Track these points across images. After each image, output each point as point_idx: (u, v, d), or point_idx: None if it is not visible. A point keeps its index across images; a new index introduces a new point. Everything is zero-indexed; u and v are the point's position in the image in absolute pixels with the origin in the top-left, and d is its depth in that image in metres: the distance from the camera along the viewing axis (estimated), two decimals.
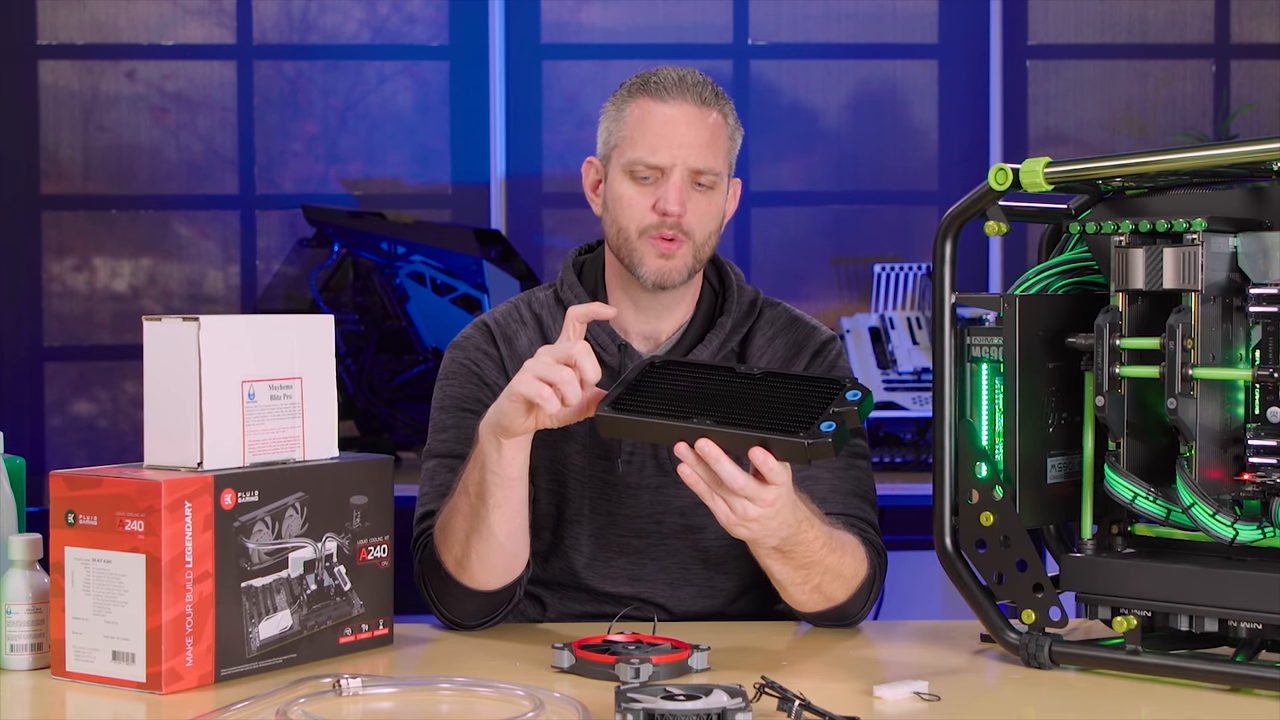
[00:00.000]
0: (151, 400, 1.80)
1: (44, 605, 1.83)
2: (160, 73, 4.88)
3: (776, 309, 2.20)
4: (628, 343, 2.13)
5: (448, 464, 2.10)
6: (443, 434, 2.13)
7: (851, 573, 1.98)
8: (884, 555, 2.09)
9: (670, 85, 2.06)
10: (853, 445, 2.12)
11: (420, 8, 4.88)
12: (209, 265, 4.89)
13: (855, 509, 2.09)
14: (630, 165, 2.06)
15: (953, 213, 1.87)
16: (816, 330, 2.20)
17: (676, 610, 2.13)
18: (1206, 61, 4.90)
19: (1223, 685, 1.71)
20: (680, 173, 2.04)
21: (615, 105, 2.11)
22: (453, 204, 4.86)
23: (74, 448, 4.84)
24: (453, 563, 1.97)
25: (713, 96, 2.08)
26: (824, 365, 2.16)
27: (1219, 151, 1.74)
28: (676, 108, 2.05)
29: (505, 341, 2.15)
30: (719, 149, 2.07)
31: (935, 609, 4.33)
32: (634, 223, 2.07)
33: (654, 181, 2.06)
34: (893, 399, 4.03)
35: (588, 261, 2.21)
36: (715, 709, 1.53)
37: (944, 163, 4.86)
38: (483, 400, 2.09)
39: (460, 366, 2.15)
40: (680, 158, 2.04)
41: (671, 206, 2.04)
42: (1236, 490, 1.76)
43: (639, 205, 2.06)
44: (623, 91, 2.10)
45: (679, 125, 2.05)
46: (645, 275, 2.08)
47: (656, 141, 2.05)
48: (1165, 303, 1.78)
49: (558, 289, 2.19)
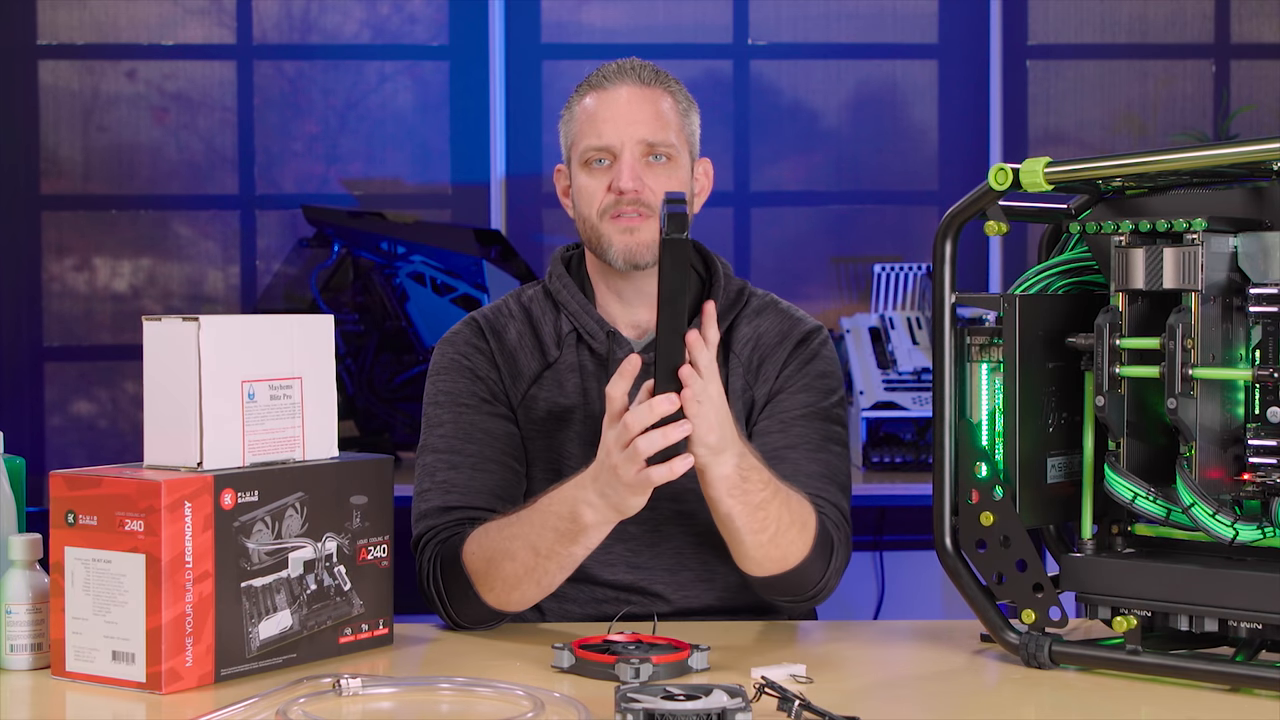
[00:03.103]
0: (151, 400, 1.80)
1: (44, 605, 1.83)
2: (160, 73, 4.87)
3: (764, 298, 2.22)
4: (616, 330, 2.15)
5: (447, 460, 2.10)
6: (439, 429, 2.13)
7: (802, 522, 1.95)
8: (844, 532, 2.06)
9: (611, 73, 2.13)
10: (828, 430, 2.12)
11: (420, 8, 4.88)
12: (209, 265, 4.88)
13: (818, 489, 2.06)
14: (584, 154, 2.12)
15: (953, 213, 1.87)
16: (803, 320, 2.20)
17: (676, 599, 2.13)
18: (1206, 61, 4.90)
19: (1223, 685, 1.71)
20: (631, 150, 2.09)
21: (568, 108, 2.18)
22: (453, 204, 4.86)
23: (74, 448, 4.84)
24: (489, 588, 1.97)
25: (654, 77, 2.14)
26: (808, 354, 2.16)
27: (1219, 151, 1.74)
28: (619, 89, 2.12)
29: (494, 335, 2.17)
30: (668, 123, 2.12)
31: (935, 609, 4.34)
32: (594, 207, 2.11)
33: (609, 165, 2.11)
34: (893, 399, 4.03)
35: (574, 257, 2.23)
36: (715, 709, 1.53)
37: (944, 163, 4.86)
38: (477, 394, 2.12)
39: (452, 361, 2.16)
40: (628, 134, 2.09)
41: (624, 182, 2.08)
42: (1236, 490, 1.76)
43: (596, 190, 2.11)
44: (574, 94, 2.17)
45: (623, 105, 2.11)
46: (615, 257, 2.11)
47: (603, 125, 2.10)
48: (1165, 303, 1.78)
49: (546, 282, 2.21)
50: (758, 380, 2.15)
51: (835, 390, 2.17)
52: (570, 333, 2.16)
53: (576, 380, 2.14)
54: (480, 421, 2.12)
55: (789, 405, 2.13)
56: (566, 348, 2.16)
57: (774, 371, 2.15)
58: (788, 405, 2.13)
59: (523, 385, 2.15)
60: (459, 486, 2.08)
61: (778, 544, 1.94)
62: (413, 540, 2.10)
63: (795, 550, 1.96)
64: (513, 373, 2.15)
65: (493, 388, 2.14)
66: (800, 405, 2.13)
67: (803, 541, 1.96)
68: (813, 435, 2.11)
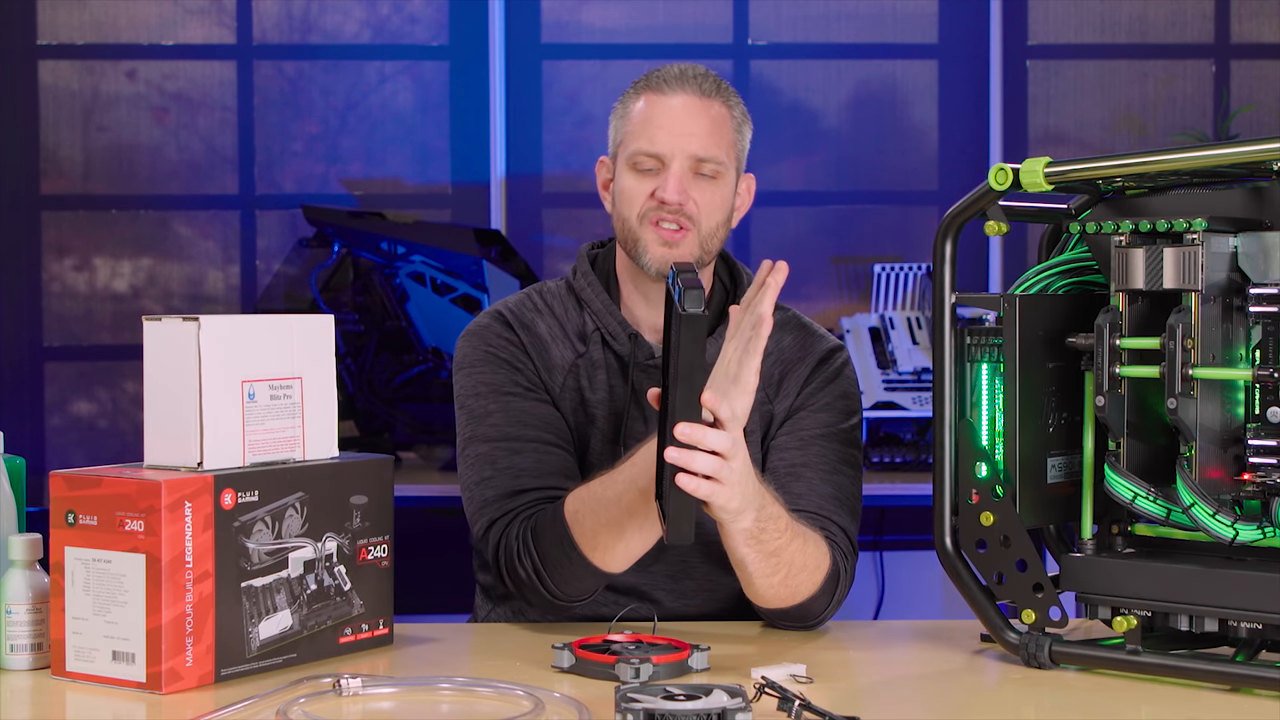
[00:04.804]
0: (151, 400, 1.80)
1: (44, 605, 1.83)
2: (160, 73, 4.87)
3: (787, 312, 2.21)
4: (638, 332, 2.15)
5: (504, 447, 2.09)
6: (489, 419, 2.11)
7: (815, 564, 1.97)
8: (851, 561, 2.07)
9: (672, 78, 2.10)
10: (844, 453, 2.12)
11: (420, 8, 4.88)
12: (209, 265, 4.88)
13: (828, 511, 2.07)
14: (632, 157, 2.09)
15: (953, 213, 1.87)
16: (825, 338, 2.21)
17: (676, 606, 2.13)
18: (1206, 61, 4.90)
19: (1223, 685, 1.71)
20: (681, 161, 2.07)
21: (622, 103, 2.14)
22: (453, 204, 4.85)
23: (74, 448, 4.84)
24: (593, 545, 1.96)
25: (714, 88, 2.11)
26: (831, 373, 2.16)
27: (1219, 151, 1.74)
28: (677, 98, 2.09)
29: (524, 328, 2.16)
30: (721, 139, 2.09)
31: (935, 609, 4.34)
32: (635, 210, 2.09)
33: (656, 172, 2.08)
34: (893, 399, 4.03)
35: (600, 255, 2.23)
36: (715, 709, 1.53)
37: (944, 163, 4.86)
38: (519, 383, 2.11)
39: (486, 354, 2.15)
40: (680, 146, 2.07)
41: (670, 194, 2.06)
42: (1236, 490, 1.76)
43: (640, 194, 2.09)
44: (630, 90, 2.14)
45: (679, 114, 2.08)
46: (649, 263, 2.09)
47: (656, 132, 2.08)
48: (1165, 303, 1.78)
49: (570, 279, 2.21)
50: (778, 395, 2.15)
51: (855, 413, 2.17)
52: (594, 331, 2.16)
53: (603, 377, 2.14)
54: (531, 408, 2.11)
55: (809, 424, 2.13)
56: (593, 344, 2.16)
57: (795, 388, 2.15)
58: (808, 423, 2.13)
59: (559, 376, 2.14)
60: (528, 470, 2.07)
61: (788, 585, 1.96)
62: (481, 527, 2.07)
63: (804, 589, 1.97)
64: (546, 364, 2.14)
65: (531, 377, 2.13)
66: (820, 425, 2.13)
67: (812, 582, 1.98)
68: (829, 456, 2.11)
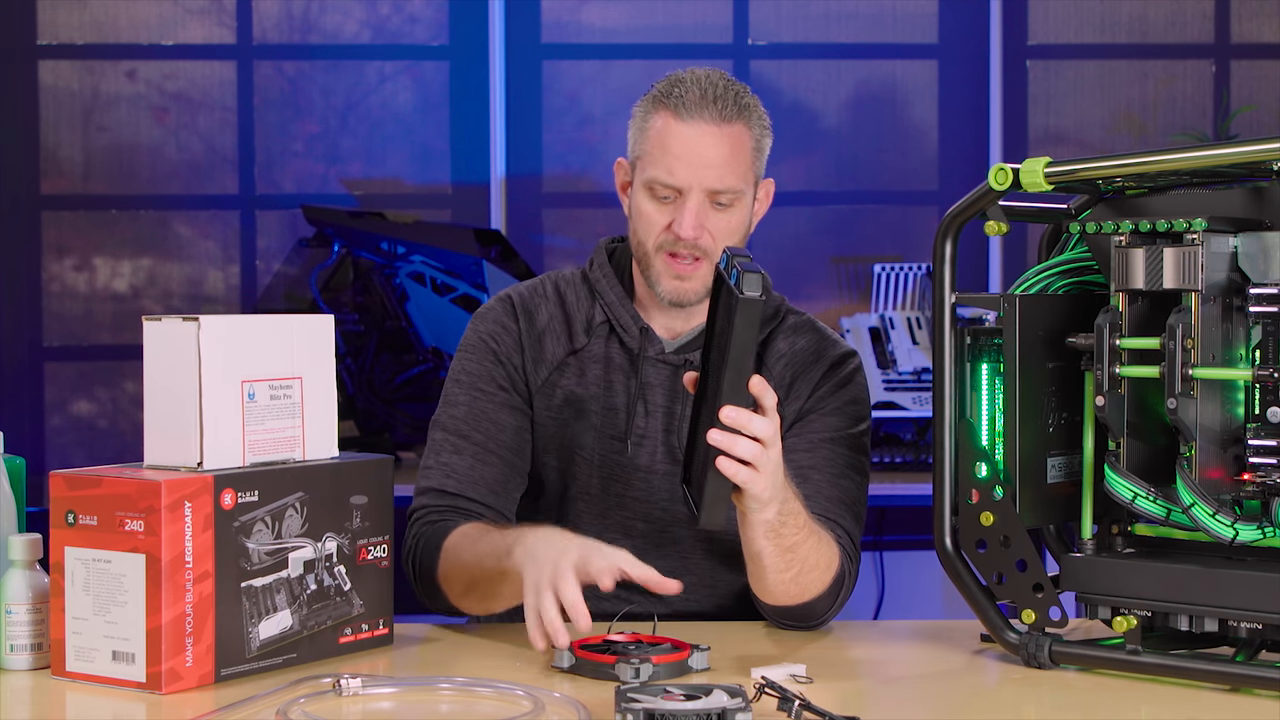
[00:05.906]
0: (151, 400, 1.80)
1: (44, 605, 1.83)
2: (160, 73, 4.87)
3: (801, 317, 2.22)
4: (649, 326, 2.15)
5: (453, 443, 2.12)
6: (454, 409, 2.14)
7: (826, 563, 1.98)
8: (855, 566, 2.08)
9: (692, 103, 2.06)
10: (852, 458, 2.13)
11: (420, 8, 4.88)
12: (209, 265, 4.88)
13: (835, 514, 2.07)
14: (649, 183, 2.09)
15: (953, 213, 1.87)
16: (838, 343, 2.21)
17: (675, 602, 2.12)
18: (1206, 61, 4.90)
19: (1223, 685, 1.71)
20: (697, 195, 2.06)
21: (642, 111, 2.12)
22: (453, 204, 4.86)
23: (74, 448, 4.84)
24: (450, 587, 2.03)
25: (734, 110, 2.07)
26: (842, 378, 2.16)
27: (1219, 151, 1.74)
28: (695, 127, 2.06)
29: (525, 315, 2.17)
30: (739, 165, 2.08)
31: (935, 609, 4.34)
32: (650, 238, 2.10)
33: (672, 201, 2.08)
34: (893, 399, 4.03)
35: (619, 249, 2.23)
36: (715, 709, 1.53)
37: (944, 163, 4.86)
38: (496, 380, 2.13)
39: (480, 340, 2.17)
40: (697, 180, 2.06)
41: (686, 232, 2.06)
42: (1236, 490, 1.76)
43: (656, 222, 2.09)
44: (649, 99, 2.12)
45: (696, 146, 2.06)
46: (662, 293, 2.11)
47: (674, 163, 2.06)
48: (1165, 303, 1.78)
49: (586, 269, 2.21)
50: (789, 397, 2.15)
51: (864, 419, 2.18)
52: (603, 323, 2.16)
53: (600, 371, 2.15)
54: (491, 411, 2.13)
55: (819, 427, 2.13)
56: (596, 338, 2.16)
57: (806, 390, 2.16)
58: (817, 426, 2.13)
59: (544, 370, 2.15)
60: (458, 473, 2.10)
61: (799, 582, 1.96)
62: (409, 510, 2.12)
63: (814, 588, 1.98)
64: (536, 357, 2.16)
65: (512, 374, 2.15)
66: (829, 428, 2.13)
67: (822, 581, 1.98)
68: (837, 460, 2.12)
